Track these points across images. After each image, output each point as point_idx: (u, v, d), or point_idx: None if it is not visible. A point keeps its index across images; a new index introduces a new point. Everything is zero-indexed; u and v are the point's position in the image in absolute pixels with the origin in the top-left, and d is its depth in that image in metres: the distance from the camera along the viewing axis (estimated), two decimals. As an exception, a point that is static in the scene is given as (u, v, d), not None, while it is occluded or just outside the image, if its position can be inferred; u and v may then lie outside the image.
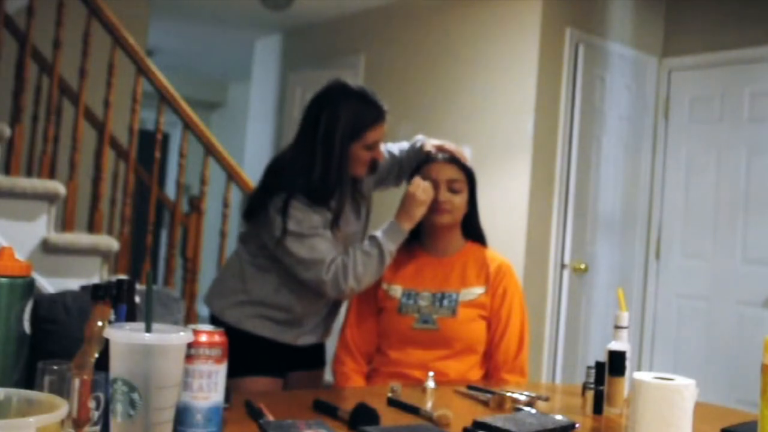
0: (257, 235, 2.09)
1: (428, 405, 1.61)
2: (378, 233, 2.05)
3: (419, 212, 2.04)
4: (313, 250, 1.98)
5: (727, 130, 4.29)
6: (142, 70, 3.51)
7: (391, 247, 2.02)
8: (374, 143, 2.04)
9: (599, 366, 1.63)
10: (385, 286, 2.14)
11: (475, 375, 2.09)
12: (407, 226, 2.05)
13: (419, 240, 2.20)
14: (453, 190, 2.11)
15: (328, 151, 1.99)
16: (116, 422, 0.98)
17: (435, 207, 2.09)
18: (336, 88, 2.06)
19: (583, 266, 4.21)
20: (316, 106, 2.04)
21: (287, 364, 2.13)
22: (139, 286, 1.24)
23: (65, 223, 3.31)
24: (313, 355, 2.22)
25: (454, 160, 2.14)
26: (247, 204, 2.15)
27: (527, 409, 1.58)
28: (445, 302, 2.08)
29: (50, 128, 3.33)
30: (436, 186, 2.10)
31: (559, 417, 1.51)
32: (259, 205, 2.05)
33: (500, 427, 1.38)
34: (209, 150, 3.67)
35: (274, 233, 1.99)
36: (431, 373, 1.80)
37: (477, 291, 2.11)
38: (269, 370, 2.09)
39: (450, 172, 2.12)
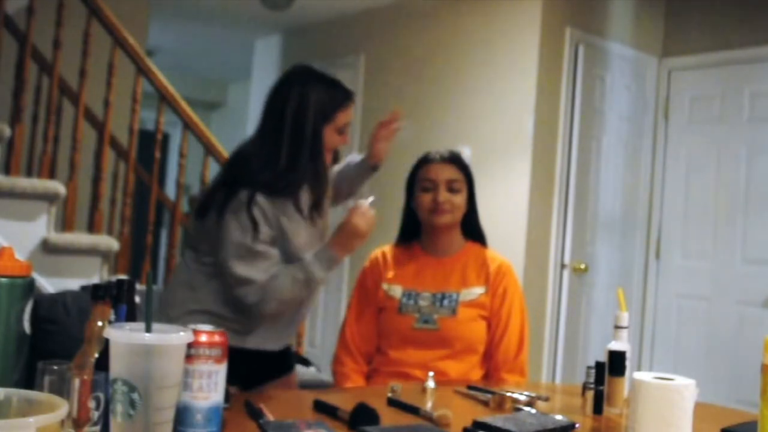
0: (206, 238, 1.93)
1: (428, 405, 1.61)
2: (309, 257, 1.88)
3: (357, 244, 1.89)
4: (250, 268, 1.83)
5: (727, 130, 4.29)
6: (142, 70, 3.51)
7: (320, 275, 1.86)
8: (344, 126, 1.94)
9: (599, 366, 1.63)
10: (385, 286, 2.14)
11: (476, 375, 2.10)
12: (341, 255, 1.88)
13: (419, 240, 2.20)
14: (452, 190, 2.11)
15: (298, 136, 1.88)
16: (116, 422, 0.98)
17: (435, 207, 2.10)
18: (300, 71, 1.97)
19: (583, 266, 4.21)
20: (281, 91, 1.93)
21: (250, 373, 1.96)
22: (139, 286, 1.23)
23: (65, 223, 3.31)
24: (279, 361, 2.07)
25: (452, 160, 2.15)
26: (201, 200, 1.99)
27: (527, 409, 1.58)
28: (446, 302, 2.08)
29: (50, 128, 3.34)
30: (435, 186, 2.10)
31: (559, 417, 1.51)
32: (215, 202, 1.89)
33: (500, 427, 1.38)
34: (209, 150, 3.67)
35: (224, 235, 1.85)
36: (431, 373, 1.80)
37: (477, 291, 2.11)
38: (231, 380, 1.92)
39: (449, 172, 2.12)
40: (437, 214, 2.10)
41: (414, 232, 2.21)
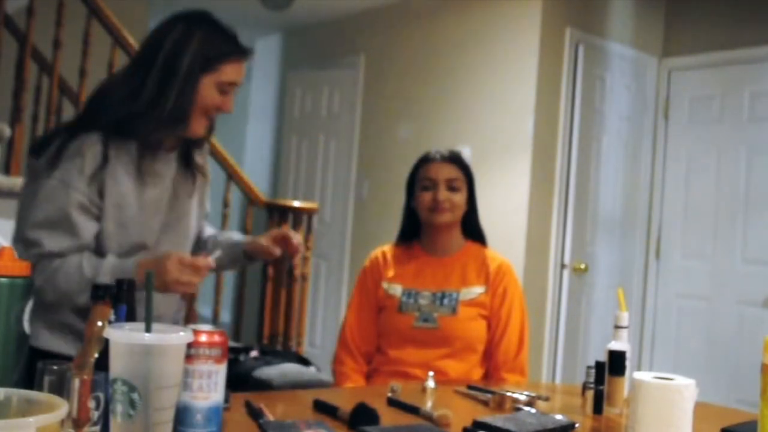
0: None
1: (428, 405, 1.61)
2: (110, 262, 1.57)
3: (157, 286, 1.51)
4: (45, 234, 1.54)
5: (727, 130, 4.29)
6: (142, 70, 3.51)
7: (106, 281, 1.51)
8: (230, 85, 1.66)
9: (599, 366, 1.63)
10: (385, 285, 2.14)
11: (475, 374, 2.10)
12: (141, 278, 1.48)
13: (419, 240, 2.20)
14: (452, 189, 2.11)
15: (168, 70, 1.59)
16: (116, 422, 0.98)
17: (435, 206, 2.10)
18: (195, 11, 1.70)
19: (583, 266, 4.21)
20: (165, 25, 1.67)
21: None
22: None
23: (65, 223, 3.31)
24: None
25: (452, 159, 2.15)
26: (39, 138, 1.69)
27: (527, 409, 1.58)
28: (446, 301, 2.09)
29: (50, 128, 3.33)
30: (435, 185, 2.11)
31: (559, 417, 1.51)
32: (53, 144, 1.59)
33: (500, 427, 1.38)
34: (209, 150, 3.66)
35: (37, 181, 1.55)
36: (431, 373, 1.80)
37: (477, 290, 2.12)
38: None
39: (449, 171, 2.12)
40: (437, 213, 2.10)
41: (414, 232, 2.21)
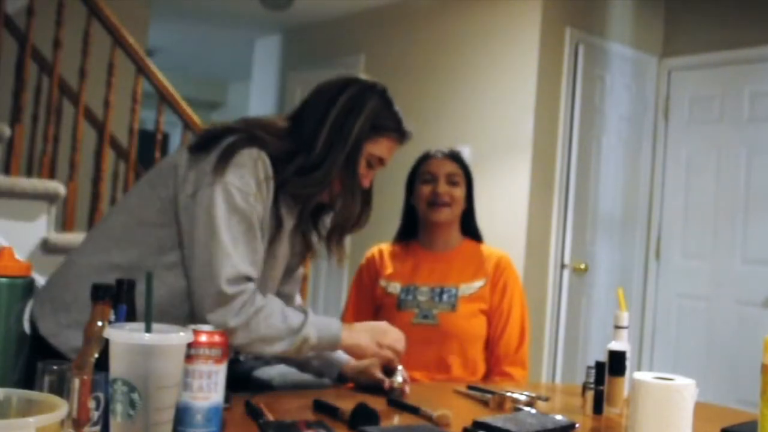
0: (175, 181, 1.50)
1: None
2: (311, 316, 1.56)
3: (365, 346, 1.64)
4: (240, 251, 1.46)
5: (727, 130, 4.29)
6: (142, 70, 3.51)
7: (312, 338, 1.53)
8: (379, 159, 1.65)
9: (599, 366, 1.63)
10: (383, 282, 2.15)
11: (477, 370, 2.09)
12: (346, 340, 1.61)
13: (417, 238, 2.21)
14: (452, 183, 2.13)
15: (337, 134, 1.58)
16: (116, 422, 0.98)
17: (435, 199, 2.11)
18: (369, 80, 1.72)
19: (583, 266, 4.21)
20: (337, 84, 1.66)
21: None
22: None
23: (65, 223, 3.31)
24: None
25: (453, 156, 2.17)
26: (211, 130, 1.60)
27: (527, 409, 1.58)
28: (445, 297, 2.09)
29: (50, 128, 3.33)
30: (435, 179, 2.13)
31: (559, 417, 1.51)
32: (227, 139, 1.53)
33: (500, 427, 1.38)
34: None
35: (218, 182, 1.45)
36: (400, 367, 1.70)
37: (477, 284, 2.12)
38: None
39: (449, 167, 2.15)
40: (436, 208, 2.11)
41: (413, 230, 2.21)
